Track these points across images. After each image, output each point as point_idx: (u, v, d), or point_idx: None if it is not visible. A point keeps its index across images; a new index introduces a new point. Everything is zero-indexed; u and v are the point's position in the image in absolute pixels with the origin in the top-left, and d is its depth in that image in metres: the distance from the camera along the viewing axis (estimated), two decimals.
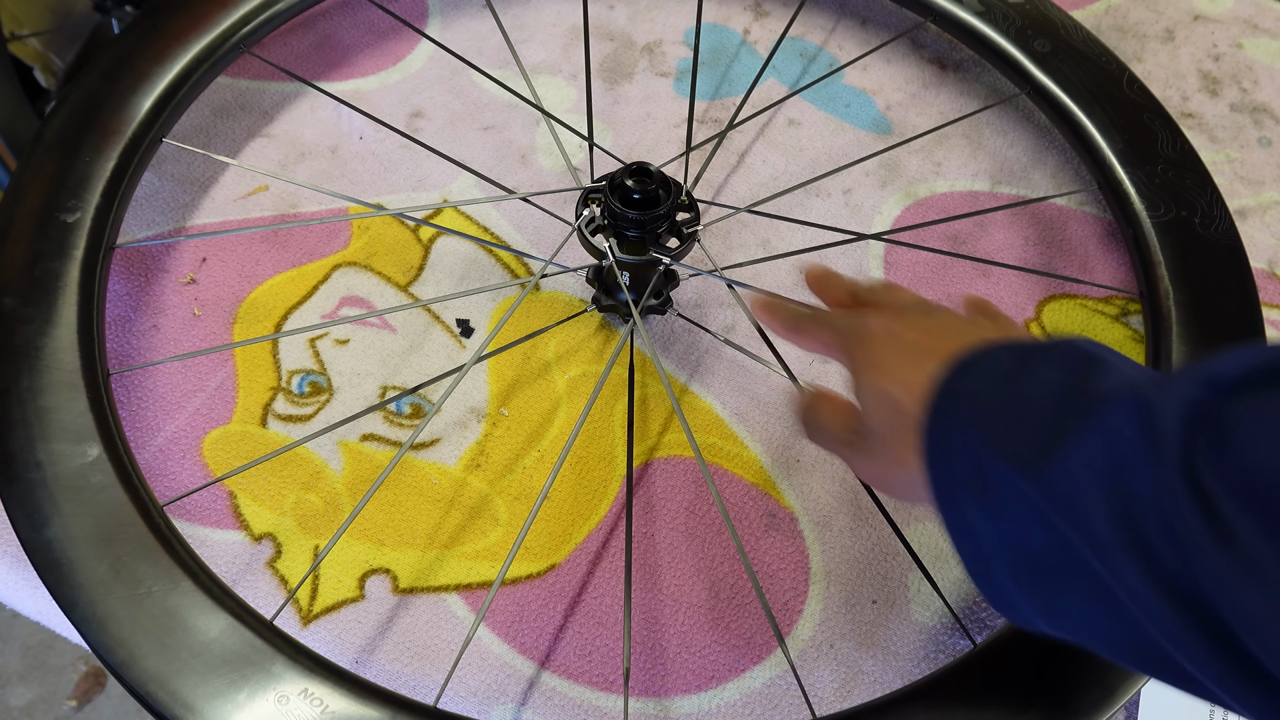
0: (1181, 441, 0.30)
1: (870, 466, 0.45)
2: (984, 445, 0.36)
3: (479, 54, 0.80)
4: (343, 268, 0.68)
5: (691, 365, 0.66)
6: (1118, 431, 0.32)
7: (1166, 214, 0.66)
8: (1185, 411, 0.30)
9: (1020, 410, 0.36)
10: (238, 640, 0.48)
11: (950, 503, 0.38)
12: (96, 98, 0.64)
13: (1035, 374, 0.37)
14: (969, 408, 0.38)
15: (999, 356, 0.39)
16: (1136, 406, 0.32)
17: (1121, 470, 0.31)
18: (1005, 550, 0.36)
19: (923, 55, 0.83)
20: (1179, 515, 0.29)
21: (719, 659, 0.56)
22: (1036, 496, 0.34)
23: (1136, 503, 0.30)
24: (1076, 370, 0.36)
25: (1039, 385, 0.36)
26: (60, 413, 0.53)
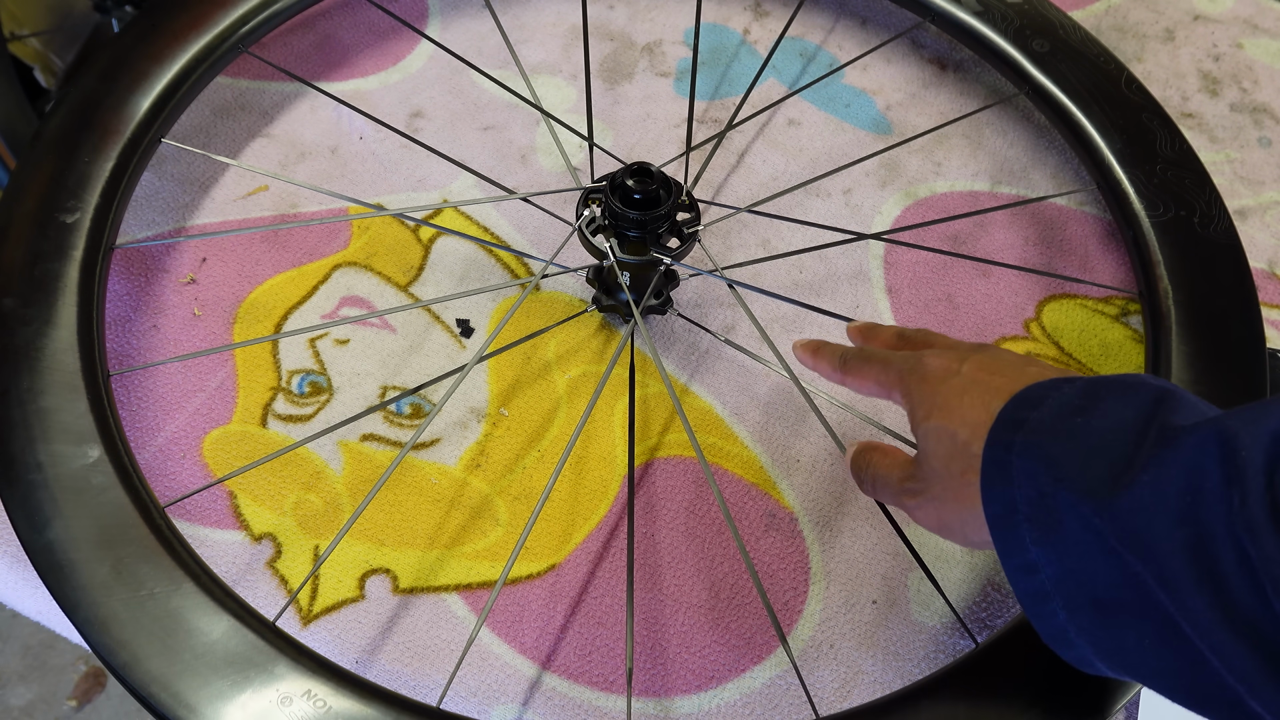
0: (1263, 474, 0.29)
1: (932, 511, 0.43)
2: (1049, 475, 0.35)
3: (479, 54, 0.80)
4: (343, 268, 0.68)
5: (692, 365, 0.66)
6: (1195, 463, 0.31)
7: (1165, 213, 0.66)
8: (1268, 445, 0.29)
9: (1090, 443, 0.35)
10: (240, 641, 0.48)
11: (1009, 535, 0.37)
12: (95, 97, 0.64)
13: (1105, 408, 0.36)
14: (1034, 439, 0.37)
15: (1065, 391, 0.38)
16: (1216, 438, 0.31)
17: (1197, 502, 0.30)
18: (1065, 585, 0.35)
19: (922, 55, 0.83)
20: (1260, 551, 0.28)
21: (719, 659, 0.56)
22: (1103, 527, 0.33)
23: (1212, 536, 0.29)
24: (1150, 405, 0.35)
25: (1109, 419, 0.35)
26: (60, 414, 0.53)
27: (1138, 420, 0.35)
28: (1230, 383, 0.59)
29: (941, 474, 0.42)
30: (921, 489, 0.43)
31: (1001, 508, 0.37)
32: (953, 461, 0.41)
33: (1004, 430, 0.38)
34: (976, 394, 0.41)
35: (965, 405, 0.41)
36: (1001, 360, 0.44)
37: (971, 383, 0.42)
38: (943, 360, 0.44)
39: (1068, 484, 0.34)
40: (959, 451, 0.40)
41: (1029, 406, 0.38)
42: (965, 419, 0.41)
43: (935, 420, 0.42)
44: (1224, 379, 0.60)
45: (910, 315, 0.68)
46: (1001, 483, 0.37)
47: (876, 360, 0.48)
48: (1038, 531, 0.36)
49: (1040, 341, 0.68)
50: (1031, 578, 0.36)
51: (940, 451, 0.42)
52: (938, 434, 0.42)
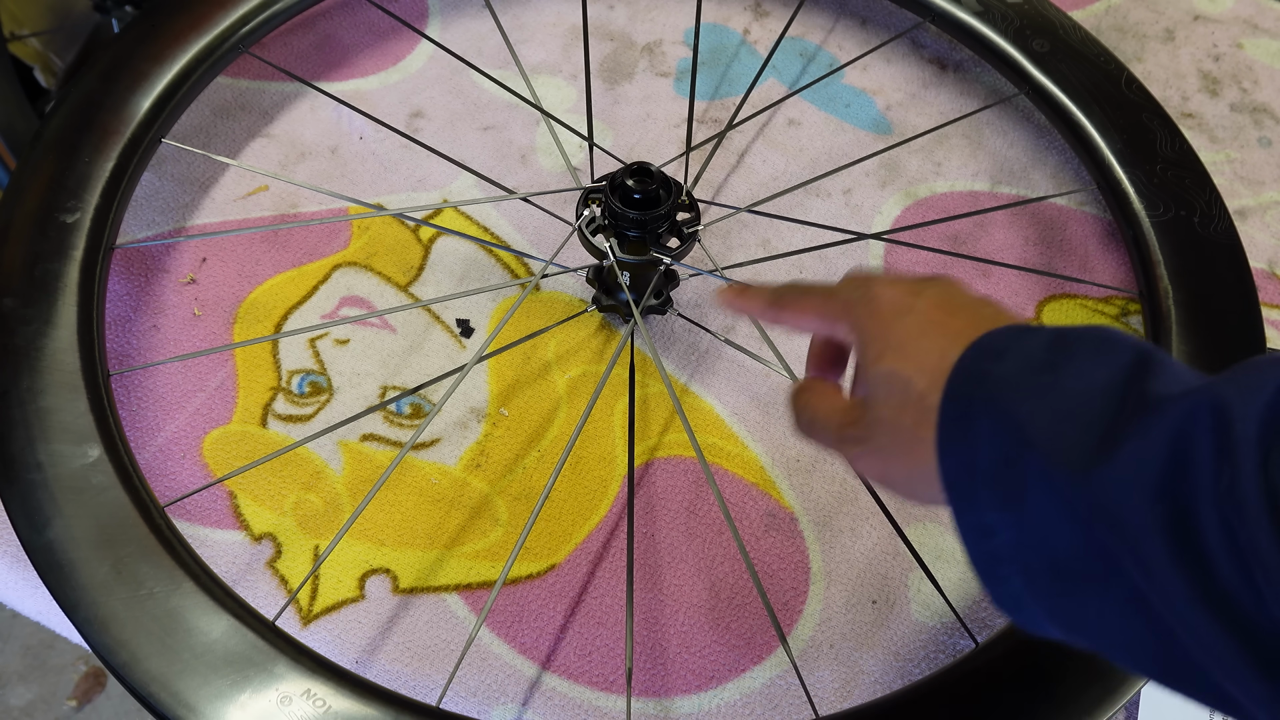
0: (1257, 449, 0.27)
1: (874, 461, 0.40)
2: (1015, 438, 0.33)
3: (479, 54, 0.80)
4: (343, 268, 0.68)
5: (692, 365, 0.66)
6: (1182, 432, 0.29)
7: (1166, 213, 0.66)
8: (1262, 417, 0.27)
9: (1062, 406, 0.32)
10: (240, 641, 0.48)
11: (966, 498, 0.34)
12: (96, 98, 0.64)
13: (1077, 367, 0.33)
14: (998, 396, 0.34)
15: (1031, 343, 0.35)
16: (1207, 406, 0.29)
17: (1182, 475, 0.28)
18: (1024, 551, 0.33)
19: (922, 55, 0.83)
20: (1247, 533, 0.27)
21: (719, 659, 0.56)
22: (1076, 497, 0.31)
23: (1195, 512, 0.28)
24: (1128, 368, 0.33)
25: (1083, 379, 0.33)
26: (60, 414, 0.53)
27: (1115, 383, 0.32)
28: None
29: (890, 424, 0.38)
30: (865, 436, 0.39)
31: (959, 468, 0.34)
32: (904, 412, 0.37)
33: (964, 383, 0.35)
34: (935, 336, 0.38)
35: (923, 349, 0.37)
36: (960, 298, 0.40)
37: (929, 323, 0.38)
38: (895, 292, 0.40)
39: (1037, 449, 0.32)
40: (913, 402, 0.37)
41: (991, 357, 0.35)
42: (923, 365, 0.37)
43: (888, 363, 0.38)
44: None
45: None
46: (961, 440, 0.34)
47: (817, 291, 0.43)
48: (998, 496, 0.33)
49: None
50: (986, 540, 0.34)
51: (892, 400, 0.38)
52: (889, 379, 0.38)
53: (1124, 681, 0.49)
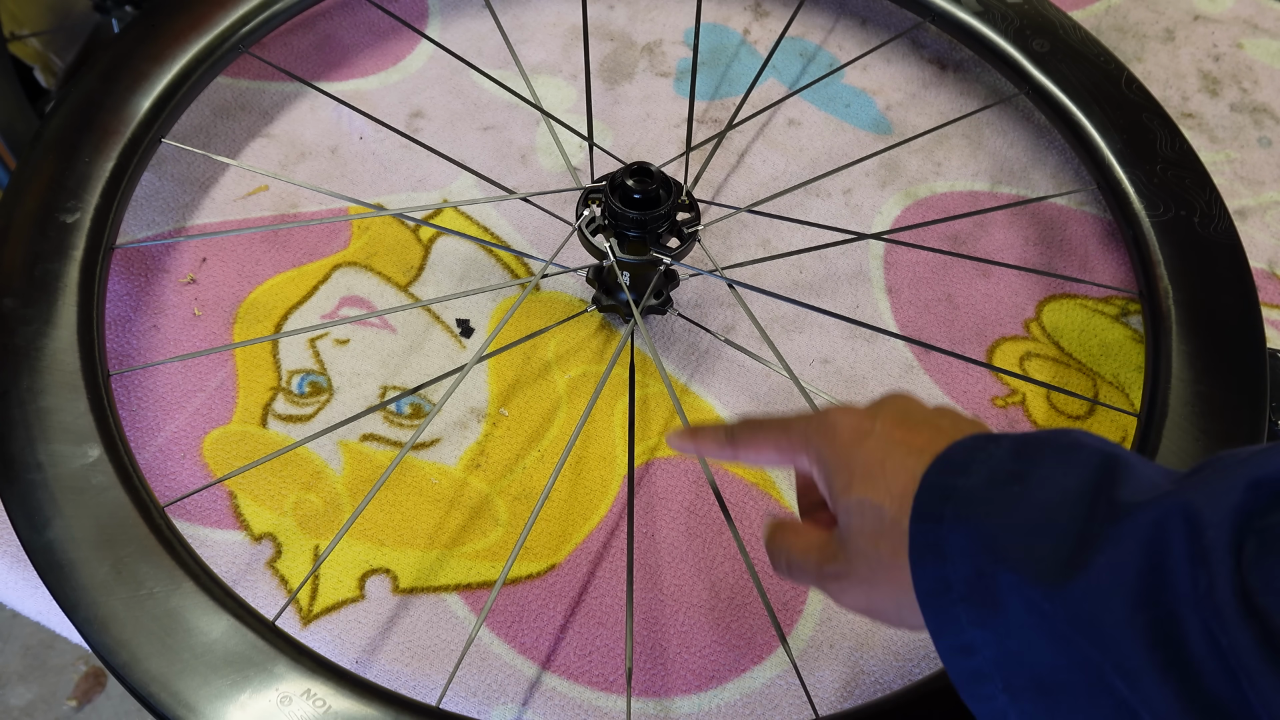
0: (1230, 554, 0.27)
1: (861, 594, 0.38)
2: (987, 553, 0.32)
3: (479, 54, 0.80)
4: (343, 268, 0.68)
5: (692, 365, 0.66)
6: (1155, 541, 0.29)
7: (1166, 213, 0.66)
8: (1232, 521, 0.28)
9: (1031, 517, 0.32)
10: (240, 641, 0.48)
11: (943, 616, 0.33)
12: (96, 98, 0.64)
13: (1043, 475, 0.33)
14: (967, 511, 0.34)
15: (993, 453, 0.35)
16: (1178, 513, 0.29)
17: (1160, 585, 0.28)
18: (1006, 667, 0.32)
19: (922, 55, 0.83)
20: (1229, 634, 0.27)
21: (719, 659, 0.56)
22: (1053, 611, 0.31)
23: (1177, 621, 0.28)
24: (1094, 473, 0.32)
25: (1050, 488, 0.33)
26: (61, 414, 0.53)
27: (1083, 490, 0.32)
28: (1230, 383, 0.59)
29: (869, 554, 0.37)
30: (845, 570, 0.38)
31: (934, 585, 0.34)
32: (881, 540, 0.36)
33: (931, 500, 0.35)
34: (899, 456, 0.37)
35: (890, 472, 0.37)
36: (917, 413, 0.39)
37: (891, 444, 0.38)
38: (852, 418, 0.40)
39: (1010, 564, 0.32)
40: (888, 529, 0.36)
41: (955, 471, 0.35)
42: (890, 490, 0.36)
43: (857, 491, 0.37)
44: (1224, 379, 0.60)
45: (910, 315, 0.68)
46: (933, 559, 0.34)
47: (772, 425, 0.43)
48: (976, 612, 0.33)
49: (1040, 341, 0.68)
50: (968, 659, 0.33)
51: (866, 529, 0.37)
52: (861, 508, 0.37)
53: None
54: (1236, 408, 0.59)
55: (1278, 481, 0.28)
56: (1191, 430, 0.58)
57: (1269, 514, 0.28)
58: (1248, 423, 0.58)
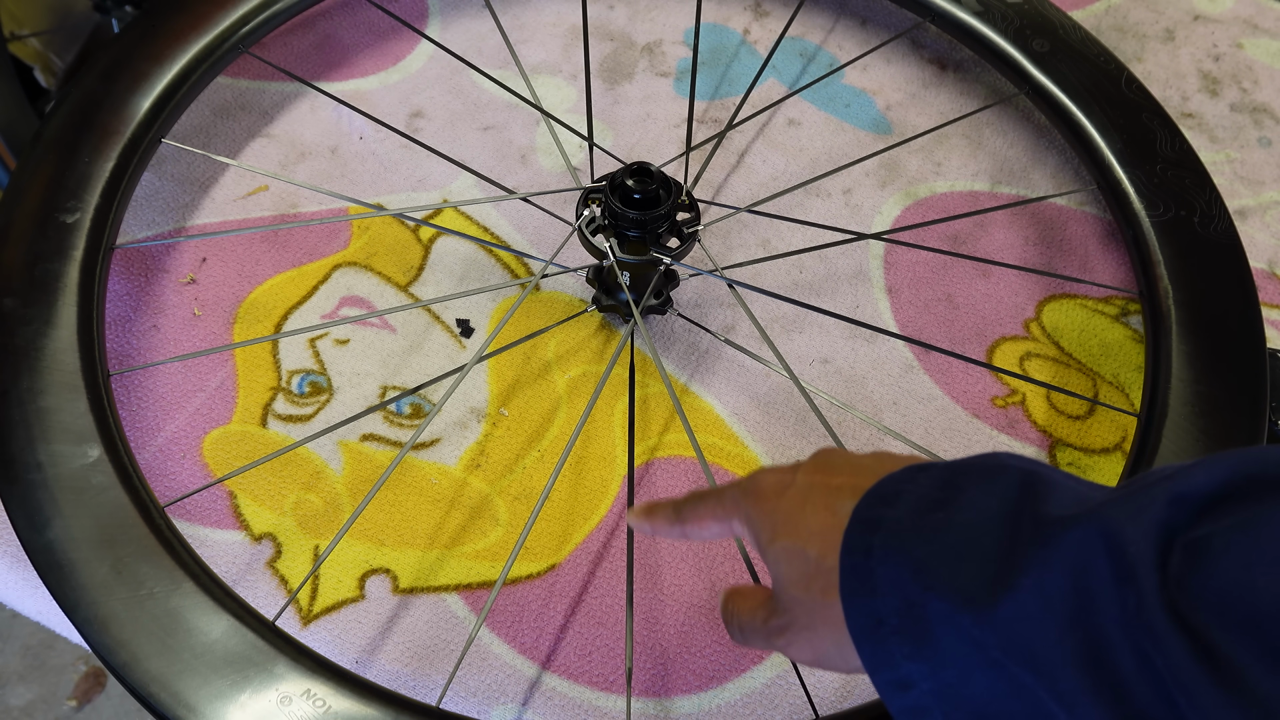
0: (1155, 570, 0.27)
1: (804, 643, 0.37)
2: (915, 581, 0.32)
3: (479, 54, 0.80)
4: (343, 268, 0.68)
5: (692, 365, 0.66)
6: (1080, 562, 0.28)
7: (1166, 213, 0.66)
8: (1156, 536, 0.27)
9: (956, 541, 0.32)
10: (240, 641, 0.48)
11: (877, 650, 0.33)
12: (96, 98, 0.64)
13: (967, 499, 0.33)
14: (894, 542, 0.33)
15: (921, 482, 0.34)
16: (1100, 532, 0.28)
17: (1087, 606, 0.28)
18: (945, 700, 0.31)
19: (922, 55, 0.83)
20: (1162, 652, 0.26)
21: (720, 658, 0.56)
22: (984, 638, 0.30)
23: (1108, 642, 0.27)
24: (1018, 492, 0.32)
25: (975, 511, 0.32)
26: (61, 414, 0.53)
27: (1005, 511, 0.31)
28: (1230, 382, 0.59)
29: (802, 600, 0.36)
30: (787, 622, 0.38)
31: (866, 620, 0.33)
32: (812, 582, 0.36)
33: (860, 532, 0.34)
34: (818, 498, 0.37)
35: (808, 515, 0.37)
36: (836, 459, 0.39)
37: (809, 488, 0.38)
38: (775, 475, 0.40)
39: (938, 590, 0.31)
40: (814, 570, 0.36)
41: (884, 503, 0.34)
42: (812, 531, 0.36)
43: (780, 540, 0.37)
44: (1224, 379, 0.60)
45: (910, 315, 0.68)
46: (864, 592, 0.33)
47: (709, 496, 0.43)
48: (910, 645, 0.32)
49: (1040, 341, 0.68)
50: (906, 694, 0.32)
51: (794, 575, 0.37)
52: (787, 554, 0.37)
53: None
54: (1236, 408, 0.59)
55: (1199, 497, 0.28)
56: (1191, 430, 0.58)
57: (1192, 528, 0.27)
58: (1248, 423, 0.58)
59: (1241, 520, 0.27)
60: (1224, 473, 0.28)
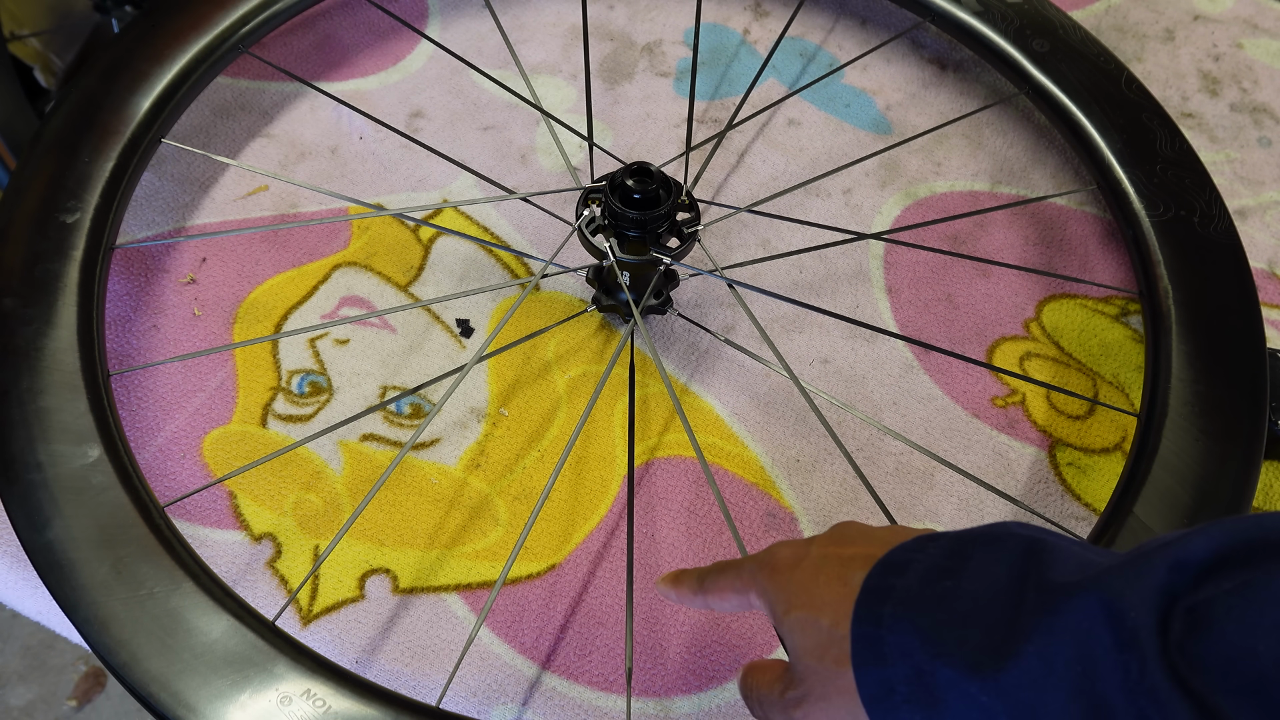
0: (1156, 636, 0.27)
1: (818, 713, 0.38)
2: (924, 650, 0.32)
3: (479, 54, 0.80)
4: (343, 268, 0.68)
5: (692, 365, 0.66)
6: (1082, 629, 0.29)
7: (1165, 213, 0.66)
8: (1157, 603, 0.28)
9: (963, 609, 0.32)
10: (239, 641, 0.48)
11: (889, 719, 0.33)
12: (96, 98, 0.64)
13: (975, 568, 0.33)
14: (903, 611, 0.34)
15: (930, 551, 0.35)
16: (1101, 600, 0.29)
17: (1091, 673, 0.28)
18: None
19: (922, 55, 0.83)
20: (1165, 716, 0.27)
21: (719, 659, 0.56)
22: (991, 704, 0.31)
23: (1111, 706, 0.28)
24: (1023, 560, 0.33)
25: (981, 580, 0.33)
26: (61, 414, 0.53)
27: (1011, 578, 0.32)
28: (1230, 383, 0.59)
29: (817, 670, 0.37)
30: (803, 694, 0.38)
31: (878, 689, 0.34)
32: (825, 652, 0.36)
33: (870, 602, 0.35)
34: (831, 570, 0.38)
35: (821, 586, 0.37)
36: (850, 531, 0.40)
37: (823, 559, 0.38)
38: (790, 548, 0.41)
39: (945, 658, 0.32)
40: (827, 640, 0.36)
41: (894, 573, 0.35)
42: (825, 601, 0.37)
43: (795, 612, 0.38)
44: (1224, 379, 0.60)
45: (910, 315, 0.68)
46: (875, 661, 0.34)
47: (729, 568, 0.44)
48: (920, 713, 0.32)
49: (1040, 341, 0.68)
50: None
51: (808, 645, 0.37)
52: (801, 626, 0.37)
53: None
54: (1236, 408, 0.59)
55: (1198, 562, 0.28)
56: (1191, 430, 0.58)
57: (1193, 593, 0.28)
58: (1248, 423, 0.58)
59: (1240, 584, 0.27)
60: (1223, 538, 0.29)
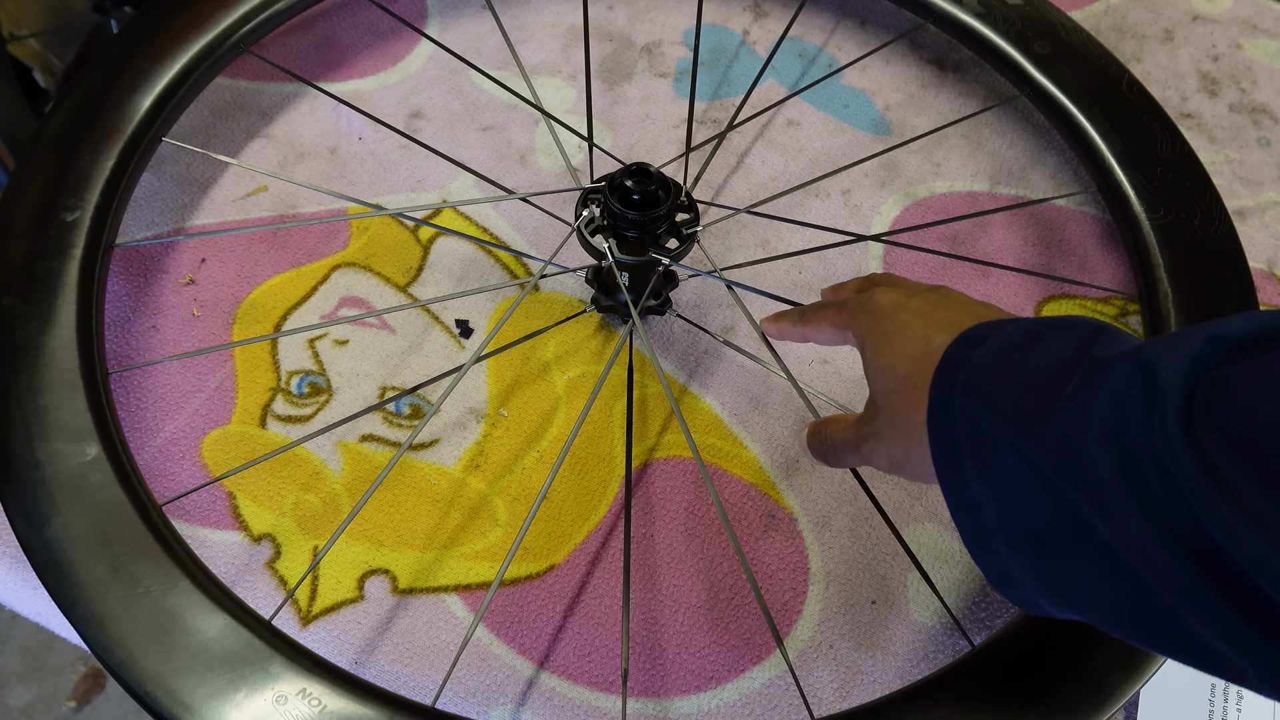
0: (1182, 395, 0.30)
1: (883, 448, 0.43)
2: (986, 411, 0.36)
3: (478, 54, 0.80)
4: (342, 268, 0.68)
5: (691, 366, 0.66)
6: (1119, 388, 0.31)
7: (1166, 216, 0.66)
8: (1188, 367, 0.30)
9: (1025, 379, 0.36)
10: (236, 640, 0.48)
11: (953, 474, 0.37)
12: (96, 97, 0.64)
13: (1043, 346, 0.37)
14: (974, 377, 0.37)
15: (1008, 330, 0.39)
16: (1139, 363, 0.31)
17: (1123, 427, 0.31)
18: (1006, 522, 0.36)
19: (922, 56, 0.83)
20: (1179, 467, 0.29)
21: (718, 659, 0.56)
22: (1037, 458, 0.34)
23: (1137, 458, 0.30)
24: (1084, 340, 0.36)
25: (1045, 355, 0.36)
26: (59, 412, 0.53)
27: (1071, 355, 0.35)
28: None
29: (886, 410, 0.42)
30: (873, 430, 0.43)
31: (945, 445, 0.38)
32: (895, 396, 0.41)
33: (948, 368, 0.38)
34: (919, 327, 0.42)
35: (906, 339, 0.42)
36: (951, 297, 0.44)
37: (916, 315, 0.43)
38: (892, 295, 0.45)
39: (1002, 418, 0.35)
40: (900, 386, 0.41)
41: (972, 344, 0.39)
42: (905, 353, 0.42)
43: (880, 357, 0.43)
44: None
45: None
46: (945, 420, 0.38)
47: (832, 304, 0.48)
48: (979, 468, 0.36)
49: None
50: (975, 516, 0.37)
51: (885, 388, 0.42)
52: (883, 372, 0.43)
53: (1122, 682, 0.49)
54: None
55: (1234, 338, 0.31)
56: None
57: (1222, 365, 0.30)
58: None
59: (1266, 360, 0.29)
60: (1263, 321, 0.31)
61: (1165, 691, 0.55)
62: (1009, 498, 0.35)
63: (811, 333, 0.50)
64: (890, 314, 0.44)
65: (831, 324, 0.48)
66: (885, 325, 0.44)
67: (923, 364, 0.40)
